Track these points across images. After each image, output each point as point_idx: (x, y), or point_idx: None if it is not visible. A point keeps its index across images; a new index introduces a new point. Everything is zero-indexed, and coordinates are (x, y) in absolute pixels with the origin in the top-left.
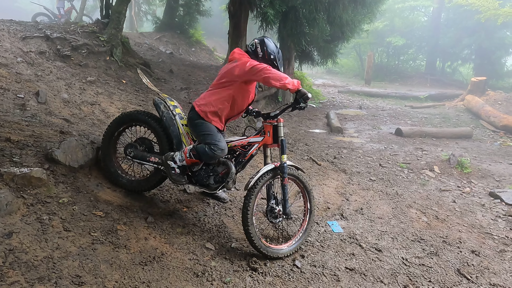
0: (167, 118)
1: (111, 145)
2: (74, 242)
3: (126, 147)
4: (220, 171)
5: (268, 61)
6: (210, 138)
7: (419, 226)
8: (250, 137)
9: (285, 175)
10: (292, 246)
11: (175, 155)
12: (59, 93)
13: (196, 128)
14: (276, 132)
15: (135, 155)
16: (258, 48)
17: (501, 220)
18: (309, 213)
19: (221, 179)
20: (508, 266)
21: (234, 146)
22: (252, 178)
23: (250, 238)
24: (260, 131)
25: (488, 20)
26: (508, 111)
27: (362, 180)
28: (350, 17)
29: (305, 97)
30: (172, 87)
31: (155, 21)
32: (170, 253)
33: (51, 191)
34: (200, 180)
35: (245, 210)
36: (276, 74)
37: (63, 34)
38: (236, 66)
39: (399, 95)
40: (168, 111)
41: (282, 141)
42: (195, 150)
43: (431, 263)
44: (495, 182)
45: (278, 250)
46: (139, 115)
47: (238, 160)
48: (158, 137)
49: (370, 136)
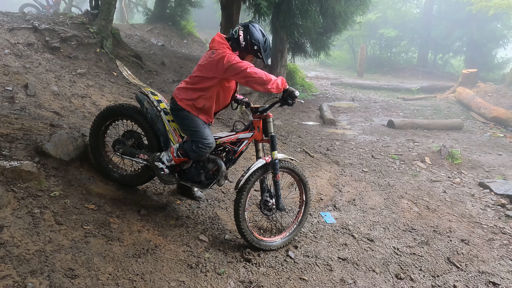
0: (152, 115)
1: (99, 139)
2: (67, 235)
3: (114, 143)
4: (210, 168)
5: (251, 52)
6: (197, 135)
7: (411, 216)
8: (239, 133)
9: (277, 171)
10: (285, 238)
11: (161, 155)
12: (48, 85)
13: (182, 121)
14: (266, 127)
15: (124, 151)
16: (240, 36)
17: (490, 210)
18: (304, 205)
19: (212, 176)
20: (497, 254)
21: (222, 142)
22: (243, 176)
23: (243, 233)
24: (250, 126)
25: (480, 11)
26: (498, 102)
27: (355, 171)
28: (342, 8)
29: (292, 95)
30: (164, 79)
31: (146, 12)
32: (164, 245)
33: (42, 184)
34: (191, 178)
35: (236, 207)
36: (258, 76)
37: (52, 25)
38: (214, 61)
39: (391, 87)
40: (152, 107)
41: (272, 137)
42: (182, 149)
43: (421, 252)
44: (485, 172)
45: (271, 243)
46: (124, 110)
47: (228, 157)
48: (146, 132)
49: (363, 128)
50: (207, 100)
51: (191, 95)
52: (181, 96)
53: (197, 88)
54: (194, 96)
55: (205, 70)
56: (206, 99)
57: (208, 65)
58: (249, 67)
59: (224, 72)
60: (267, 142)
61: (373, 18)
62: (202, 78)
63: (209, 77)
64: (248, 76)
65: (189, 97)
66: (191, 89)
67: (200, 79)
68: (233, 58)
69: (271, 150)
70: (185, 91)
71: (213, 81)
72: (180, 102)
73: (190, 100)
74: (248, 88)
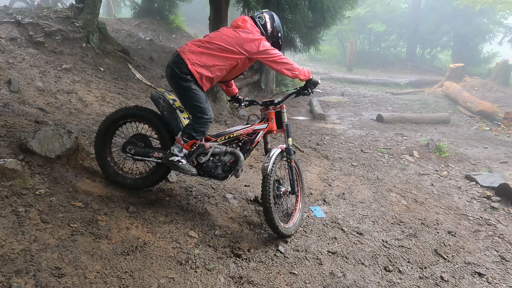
0: (168, 112)
1: (107, 142)
2: (53, 234)
3: (125, 144)
4: (227, 160)
5: (275, 38)
6: (199, 110)
7: (399, 209)
8: (255, 125)
9: (292, 157)
10: (296, 223)
11: (172, 149)
12: (32, 81)
13: (186, 93)
14: (279, 118)
15: (136, 152)
16: (268, 23)
17: (476, 202)
18: (301, 191)
19: (229, 168)
20: (482, 245)
21: (239, 135)
22: (268, 162)
23: (271, 218)
24: (264, 118)
25: (466, 7)
26: (484, 96)
27: (344, 165)
28: (331, 2)
29: (316, 84)
30: (152, 74)
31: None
32: (153, 242)
33: (26, 182)
34: (208, 172)
35: (264, 192)
36: (289, 64)
37: (36, 19)
38: (248, 40)
39: (380, 82)
40: (168, 105)
41: (287, 126)
42: (185, 134)
43: (410, 245)
44: (471, 165)
45: (288, 228)
46: (138, 111)
47: (245, 148)
48: (159, 132)
49: (352, 123)
50: (220, 71)
51: (206, 61)
52: (194, 59)
53: (215, 55)
54: (209, 63)
55: (234, 43)
56: (221, 69)
57: (241, 40)
58: (280, 54)
59: (256, 53)
60: (280, 131)
61: (362, 12)
62: (225, 49)
63: (236, 51)
64: (279, 61)
65: (202, 63)
66: (207, 54)
67: (222, 49)
68: (267, 44)
69: (286, 138)
70: (200, 55)
71: (239, 56)
72: (191, 66)
73: (203, 66)
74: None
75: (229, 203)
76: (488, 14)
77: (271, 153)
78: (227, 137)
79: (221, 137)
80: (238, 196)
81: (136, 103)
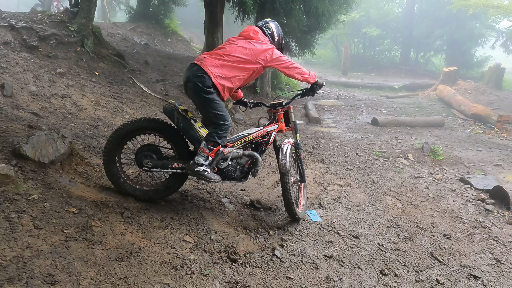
0: (184, 124)
1: (117, 154)
2: (46, 240)
3: (141, 157)
4: (244, 162)
5: (278, 45)
6: (221, 118)
7: (394, 212)
8: (267, 127)
9: (300, 151)
10: (305, 207)
11: (197, 159)
12: (26, 85)
13: (208, 103)
14: (287, 117)
15: (154, 164)
16: (274, 32)
17: (471, 204)
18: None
19: (247, 169)
20: (477, 248)
21: (254, 138)
22: (285, 160)
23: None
24: (273, 120)
25: (459, 11)
26: (477, 100)
27: (340, 169)
28: (326, 7)
29: (321, 85)
30: (147, 78)
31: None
32: (148, 248)
33: (19, 188)
34: (229, 175)
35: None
36: (299, 68)
37: (30, 23)
38: (262, 50)
39: (375, 85)
40: (182, 117)
41: (294, 123)
42: (210, 142)
43: (405, 248)
44: (465, 168)
45: (301, 212)
46: (153, 123)
47: (260, 149)
48: (175, 143)
49: (347, 126)
50: (239, 81)
51: (227, 73)
52: (216, 72)
53: (235, 67)
54: (230, 74)
55: (250, 54)
56: (240, 79)
57: (257, 51)
58: (291, 60)
59: (270, 61)
60: (289, 130)
61: (356, 17)
62: (243, 61)
63: (253, 61)
64: (293, 67)
65: (224, 75)
66: (228, 67)
67: (240, 61)
68: (278, 52)
69: (295, 134)
70: (221, 68)
71: (256, 65)
72: (215, 79)
73: (225, 78)
74: None
75: (224, 208)
76: (481, 18)
77: (284, 150)
78: (243, 141)
79: (237, 142)
80: (233, 201)
81: (131, 107)
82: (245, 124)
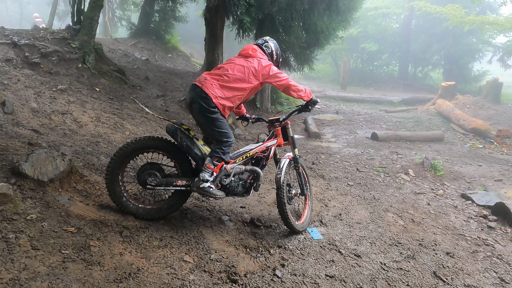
0: (188, 143)
1: (121, 173)
2: (43, 261)
3: (144, 176)
4: (246, 177)
5: (277, 63)
6: (225, 136)
7: (396, 229)
8: (266, 142)
9: (299, 165)
10: (307, 220)
11: (202, 176)
12: (27, 102)
13: (213, 122)
14: (285, 132)
15: (158, 183)
16: (273, 51)
17: (473, 221)
18: (309, 192)
19: (249, 184)
20: (481, 267)
21: (255, 153)
22: (280, 174)
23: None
24: (272, 135)
25: (456, 27)
26: (476, 114)
27: (340, 185)
28: (325, 24)
29: (316, 102)
30: (148, 94)
31: (130, 26)
32: (147, 268)
33: (18, 207)
34: (232, 191)
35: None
36: (295, 86)
37: (32, 40)
38: (260, 67)
39: (374, 100)
40: (185, 136)
41: (292, 138)
42: (215, 157)
43: (408, 267)
44: (466, 183)
45: (302, 225)
46: (158, 142)
47: (261, 164)
48: (178, 161)
49: (347, 141)
50: (239, 99)
51: (226, 93)
52: (216, 93)
53: (233, 87)
54: (229, 95)
55: (247, 73)
56: (239, 98)
57: (253, 69)
58: (288, 77)
59: (267, 77)
60: (287, 144)
61: (354, 32)
62: (241, 79)
63: (251, 79)
64: (289, 85)
65: (224, 95)
66: (227, 88)
67: (238, 80)
68: (275, 68)
69: (292, 148)
70: (220, 89)
71: (254, 82)
72: (215, 100)
73: (225, 98)
74: None
75: (224, 226)
76: (477, 34)
77: (281, 164)
78: (244, 157)
79: (239, 158)
80: (234, 218)
81: (131, 123)
82: (245, 139)
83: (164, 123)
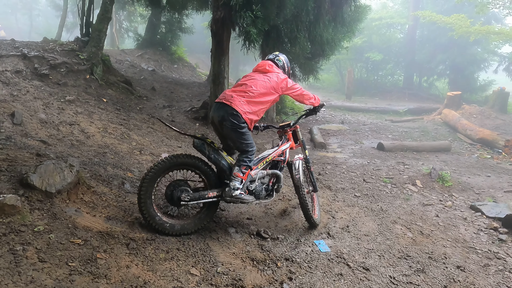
0: (215, 155)
1: (152, 191)
2: (50, 274)
3: (177, 193)
4: (267, 181)
5: (288, 74)
6: (250, 146)
7: (405, 242)
8: (281, 146)
9: (310, 164)
10: (319, 215)
11: (232, 185)
12: (36, 113)
13: (242, 136)
14: (295, 136)
15: (192, 198)
16: (285, 64)
17: (483, 234)
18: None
19: (271, 187)
20: (493, 281)
21: (273, 157)
22: (298, 174)
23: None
24: (284, 139)
25: (461, 37)
26: (483, 124)
27: (347, 196)
28: (330, 35)
29: (323, 106)
30: (154, 104)
31: (137, 38)
32: (153, 282)
33: (25, 219)
34: (257, 195)
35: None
36: (308, 95)
37: (41, 52)
38: (280, 81)
39: (379, 110)
40: (212, 149)
41: (302, 141)
42: (243, 166)
43: (418, 281)
44: (475, 194)
45: (317, 219)
46: (191, 160)
47: (280, 166)
48: (206, 175)
49: (353, 151)
50: (262, 112)
51: (253, 108)
52: (245, 109)
53: (258, 102)
54: (255, 109)
55: (269, 87)
56: (263, 110)
57: (274, 83)
58: (301, 88)
59: (286, 90)
60: (298, 146)
61: (359, 42)
62: (264, 93)
63: (273, 92)
64: (303, 94)
65: (251, 110)
66: (253, 102)
67: (262, 94)
68: (291, 81)
69: (303, 150)
70: (248, 105)
71: (275, 95)
72: (245, 116)
73: (252, 113)
74: None
75: (231, 238)
76: (482, 43)
77: (297, 165)
78: (264, 162)
79: (260, 164)
80: (240, 230)
81: (138, 134)
82: None
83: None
